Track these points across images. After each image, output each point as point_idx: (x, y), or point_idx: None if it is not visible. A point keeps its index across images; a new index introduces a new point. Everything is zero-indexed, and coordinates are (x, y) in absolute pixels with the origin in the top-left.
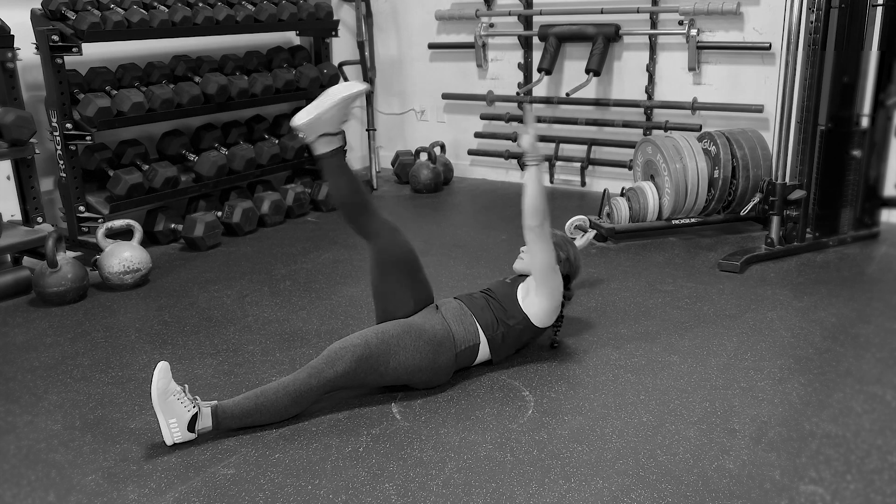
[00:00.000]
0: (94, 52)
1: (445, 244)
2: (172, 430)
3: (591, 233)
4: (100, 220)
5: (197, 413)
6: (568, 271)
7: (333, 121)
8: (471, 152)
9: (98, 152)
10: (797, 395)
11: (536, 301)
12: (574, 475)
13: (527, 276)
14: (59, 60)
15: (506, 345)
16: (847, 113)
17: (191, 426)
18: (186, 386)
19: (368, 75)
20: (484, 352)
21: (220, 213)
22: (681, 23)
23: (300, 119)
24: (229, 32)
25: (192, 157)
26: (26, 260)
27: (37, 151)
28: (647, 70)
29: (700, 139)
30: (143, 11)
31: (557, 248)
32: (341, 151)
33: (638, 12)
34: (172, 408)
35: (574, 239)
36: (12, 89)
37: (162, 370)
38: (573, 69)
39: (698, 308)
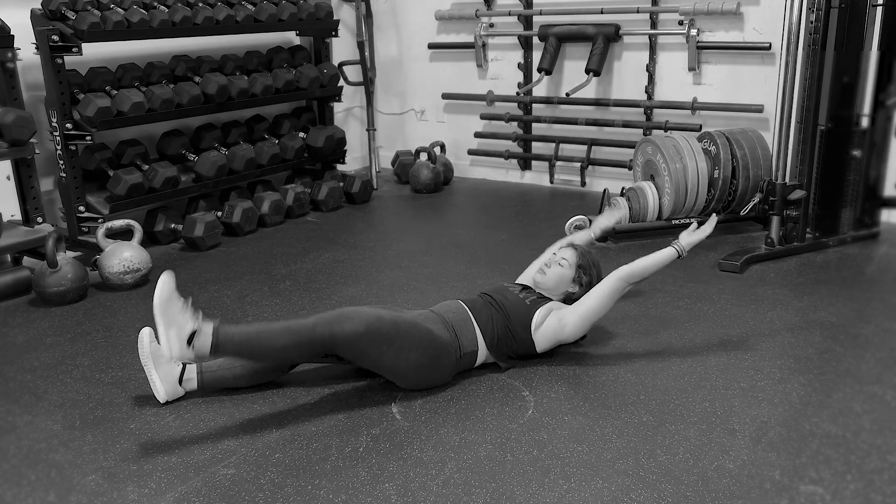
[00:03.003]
0: (94, 52)
1: (445, 244)
2: (171, 342)
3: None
4: (100, 220)
5: (197, 330)
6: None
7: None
8: (471, 152)
9: (98, 152)
10: (797, 395)
11: (548, 334)
12: (574, 475)
13: (544, 295)
14: (59, 60)
15: (510, 359)
16: (847, 113)
17: (189, 340)
18: (191, 298)
19: (368, 75)
20: (483, 356)
21: (220, 213)
22: (681, 23)
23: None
24: (229, 32)
25: (192, 157)
26: (26, 260)
27: (37, 151)
28: (647, 70)
29: (700, 139)
30: (143, 11)
31: (583, 270)
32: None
33: (638, 12)
34: (174, 317)
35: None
36: (12, 89)
37: (167, 279)
38: (573, 69)
39: (698, 308)
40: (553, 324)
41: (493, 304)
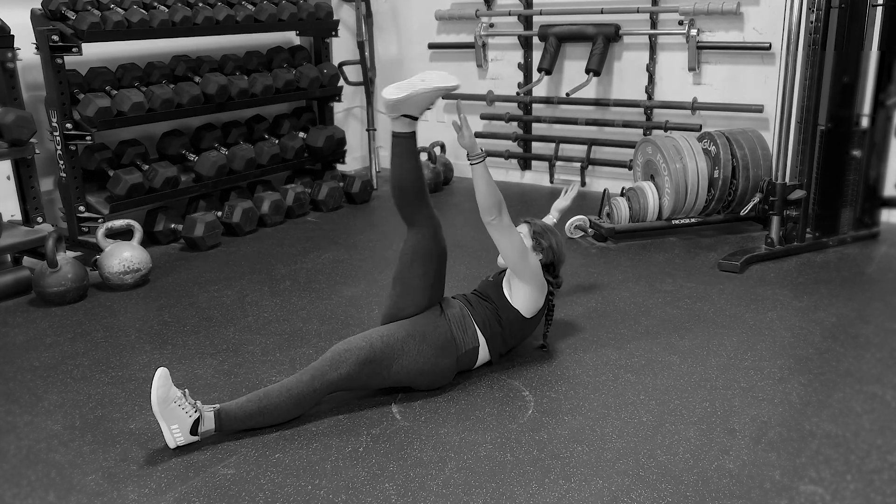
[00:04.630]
0: (94, 52)
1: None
2: (175, 435)
3: (576, 184)
4: (100, 220)
5: (199, 417)
6: (552, 259)
7: (419, 105)
8: None
9: (98, 152)
10: (797, 395)
11: (520, 291)
12: (574, 475)
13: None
14: (60, 60)
15: (504, 343)
16: (847, 113)
17: (193, 429)
18: (187, 390)
19: (368, 75)
20: (484, 354)
21: (220, 213)
22: (681, 23)
23: (391, 94)
24: (229, 32)
25: (192, 157)
26: (26, 260)
27: (37, 151)
28: (647, 70)
29: (700, 139)
30: (143, 11)
31: (539, 236)
32: (414, 136)
33: (638, 12)
34: (174, 414)
35: (576, 227)
36: (12, 89)
37: (161, 377)
38: (573, 69)
39: (698, 308)
40: (511, 278)
41: (480, 296)
